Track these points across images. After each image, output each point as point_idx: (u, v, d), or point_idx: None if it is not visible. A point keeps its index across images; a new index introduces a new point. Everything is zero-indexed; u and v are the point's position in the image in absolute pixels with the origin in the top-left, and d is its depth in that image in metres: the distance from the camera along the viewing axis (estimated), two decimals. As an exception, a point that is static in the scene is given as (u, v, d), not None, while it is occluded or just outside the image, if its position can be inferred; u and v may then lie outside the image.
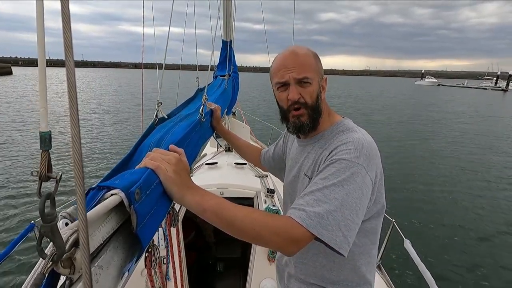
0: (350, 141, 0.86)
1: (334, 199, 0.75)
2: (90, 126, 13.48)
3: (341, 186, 0.76)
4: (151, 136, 1.00)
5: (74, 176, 0.41)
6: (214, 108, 1.43)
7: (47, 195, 0.41)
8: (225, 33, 2.96)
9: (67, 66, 0.38)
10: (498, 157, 10.29)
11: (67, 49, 0.38)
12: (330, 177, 0.79)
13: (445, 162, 9.50)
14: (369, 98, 35.38)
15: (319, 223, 0.72)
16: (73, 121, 0.39)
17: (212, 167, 2.96)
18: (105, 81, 55.78)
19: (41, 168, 0.42)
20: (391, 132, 14.12)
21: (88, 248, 0.41)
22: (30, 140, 10.44)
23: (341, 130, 0.95)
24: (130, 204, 0.58)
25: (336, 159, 0.82)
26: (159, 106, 1.21)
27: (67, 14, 0.38)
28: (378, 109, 23.45)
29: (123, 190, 0.57)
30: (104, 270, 0.53)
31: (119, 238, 0.60)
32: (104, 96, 27.23)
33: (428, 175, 8.18)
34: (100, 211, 0.52)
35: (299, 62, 0.91)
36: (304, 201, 0.77)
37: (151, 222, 0.66)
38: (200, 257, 2.92)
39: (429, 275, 1.79)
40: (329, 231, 0.72)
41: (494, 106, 30.70)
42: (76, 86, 0.39)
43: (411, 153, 10.57)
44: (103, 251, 0.55)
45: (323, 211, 0.73)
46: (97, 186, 0.60)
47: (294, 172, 1.07)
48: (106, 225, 0.55)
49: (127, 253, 0.62)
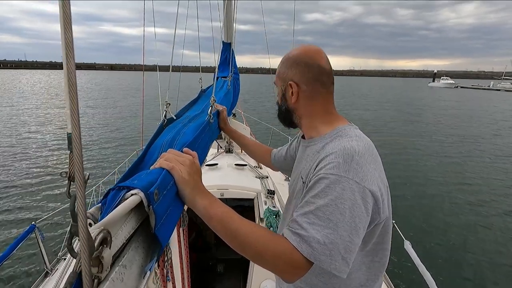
0: (339, 150, 0.80)
1: (328, 220, 0.71)
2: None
3: (335, 205, 0.72)
4: (162, 136, 1.01)
5: (74, 175, 0.41)
6: (220, 110, 1.43)
7: (76, 195, 0.41)
8: (226, 34, 2.96)
9: (68, 67, 0.38)
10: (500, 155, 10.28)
11: (67, 50, 0.38)
12: (321, 194, 0.75)
13: (446, 162, 9.51)
14: (387, 105, 28.07)
15: (316, 250, 0.69)
16: (73, 121, 0.39)
17: (212, 168, 2.96)
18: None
19: (70, 169, 0.43)
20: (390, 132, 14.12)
21: (115, 246, 0.41)
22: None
23: (335, 136, 0.91)
24: (149, 205, 0.59)
25: (324, 174, 0.77)
26: (167, 107, 1.22)
27: (67, 15, 0.38)
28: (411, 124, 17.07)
29: (142, 190, 0.58)
30: (127, 269, 0.54)
31: (139, 238, 0.61)
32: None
33: (429, 175, 8.19)
34: (123, 210, 0.53)
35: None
36: (298, 224, 0.73)
37: (168, 222, 0.67)
38: (200, 258, 2.91)
39: (429, 276, 1.78)
40: (327, 256, 0.69)
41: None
42: (76, 87, 0.39)
43: (412, 152, 10.58)
44: (125, 250, 0.56)
45: (319, 236, 0.69)
46: (116, 187, 0.61)
47: (295, 173, 1.07)
48: (128, 225, 0.56)
49: (147, 252, 0.63)
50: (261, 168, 3.19)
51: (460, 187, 7.47)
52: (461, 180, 7.98)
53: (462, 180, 7.98)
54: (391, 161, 9.32)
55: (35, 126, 13.84)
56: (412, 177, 8.05)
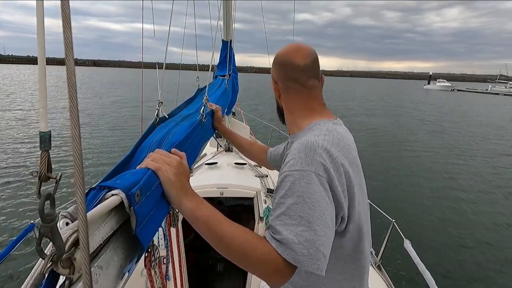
0: (301, 145, 0.80)
1: (299, 217, 0.70)
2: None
3: (303, 201, 0.71)
4: (152, 136, 1.00)
5: (74, 176, 0.41)
6: (215, 109, 1.42)
7: (46, 195, 0.41)
8: (225, 33, 2.96)
9: (67, 65, 0.38)
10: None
11: (67, 49, 0.38)
12: (288, 193, 0.74)
13: (447, 162, 9.52)
14: (392, 109, 25.73)
15: (294, 251, 0.67)
16: (73, 122, 0.39)
17: (212, 167, 2.96)
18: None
19: (40, 169, 0.42)
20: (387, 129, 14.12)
21: (88, 248, 0.41)
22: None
23: (305, 132, 0.91)
24: (130, 206, 0.58)
25: (288, 171, 0.77)
26: (159, 106, 1.21)
27: (67, 14, 0.38)
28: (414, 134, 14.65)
29: (124, 190, 0.57)
30: (103, 270, 0.53)
31: (119, 238, 0.60)
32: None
33: (429, 176, 8.20)
34: (100, 211, 0.52)
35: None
36: (273, 228, 0.72)
37: (151, 223, 0.66)
38: (200, 258, 2.91)
39: (429, 275, 1.79)
40: (305, 255, 0.67)
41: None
42: (76, 86, 0.39)
43: (412, 152, 10.59)
44: (102, 251, 0.55)
45: (292, 236, 0.68)
46: (98, 186, 0.60)
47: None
48: (106, 225, 0.55)
49: (127, 253, 0.62)
50: (260, 167, 3.18)
51: (461, 187, 7.48)
52: (462, 180, 8.00)
53: (463, 180, 8.00)
54: (392, 162, 9.34)
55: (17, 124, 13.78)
56: (413, 178, 8.06)
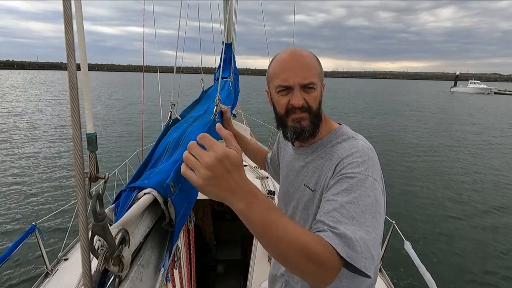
0: (356, 151, 0.81)
1: (352, 218, 0.68)
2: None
3: (357, 203, 0.70)
4: (168, 136, 1.02)
5: (75, 176, 0.41)
6: (224, 110, 1.43)
7: (97, 195, 0.42)
8: (226, 35, 2.96)
9: (69, 67, 0.38)
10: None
11: (68, 51, 0.38)
12: (344, 193, 0.73)
13: (448, 162, 9.50)
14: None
15: (347, 245, 0.63)
16: (74, 122, 0.40)
17: None
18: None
19: (90, 169, 0.44)
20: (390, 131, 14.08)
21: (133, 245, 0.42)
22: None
23: (341, 138, 0.90)
24: (167, 199, 0.59)
25: (346, 173, 0.77)
26: (172, 108, 1.23)
27: (69, 15, 0.38)
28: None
29: (154, 188, 0.59)
30: (145, 268, 0.55)
31: (154, 237, 0.62)
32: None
33: (430, 176, 8.18)
34: (137, 209, 0.53)
35: (305, 66, 0.86)
36: (325, 223, 0.69)
37: (184, 216, 0.67)
38: (200, 259, 2.92)
39: (429, 277, 1.79)
40: (358, 252, 0.63)
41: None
42: (78, 88, 0.40)
43: (412, 153, 10.57)
44: (142, 250, 0.56)
45: (349, 232, 0.65)
46: (128, 188, 0.61)
47: (289, 181, 1.02)
48: (143, 224, 0.57)
49: (161, 251, 0.63)
50: (261, 169, 3.19)
51: (462, 188, 7.46)
52: (463, 181, 7.98)
53: (464, 181, 7.98)
54: (392, 162, 9.32)
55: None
56: (413, 179, 8.05)
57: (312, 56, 0.89)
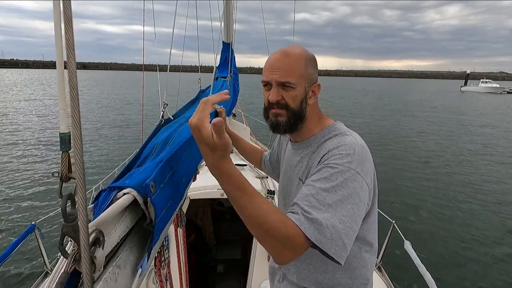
0: (342, 145, 0.84)
1: (328, 205, 0.72)
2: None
3: (335, 192, 0.74)
4: (157, 136, 1.01)
5: (75, 176, 0.41)
6: (219, 110, 1.42)
7: (68, 195, 0.42)
8: (226, 34, 2.96)
9: (69, 67, 0.38)
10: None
11: (68, 50, 0.38)
12: (323, 180, 0.77)
13: (447, 162, 9.51)
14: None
15: (317, 230, 0.69)
16: (74, 122, 0.40)
17: None
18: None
19: (62, 169, 0.43)
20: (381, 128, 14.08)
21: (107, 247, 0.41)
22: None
23: (333, 133, 0.94)
24: (146, 199, 0.59)
25: (328, 163, 0.80)
26: (164, 108, 1.22)
27: (68, 14, 0.38)
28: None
29: (134, 188, 0.58)
30: (121, 269, 0.54)
31: (134, 238, 0.61)
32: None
33: (430, 176, 8.18)
34: (115, 210, 0.53)
35: (286, 65, 0.89)
36: (299, 206, 0.74)
37: (166, 217, 0.67)
38: (200, 259, 2.92)
39: (429, 277, 1.79)
40: (328, 238, 0.69)
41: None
42: (77, 87, 0.39)
43: (412, 153, 10.57)
44: (120, 250, 0.56)
45: (321, 218, 0.70)
46: (108, 188, 0.61)
47: (288, 175, 1.07)
48: (121, 225, 0.56)
49: (141, 251, 0.63)
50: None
51: (462, 188, 7.47)
52: (464, 181, 7.98)
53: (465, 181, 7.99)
54: (392, 163, 9.32)
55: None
56: (413, 179, 8.05)
57: (300, 57, 0.91)
